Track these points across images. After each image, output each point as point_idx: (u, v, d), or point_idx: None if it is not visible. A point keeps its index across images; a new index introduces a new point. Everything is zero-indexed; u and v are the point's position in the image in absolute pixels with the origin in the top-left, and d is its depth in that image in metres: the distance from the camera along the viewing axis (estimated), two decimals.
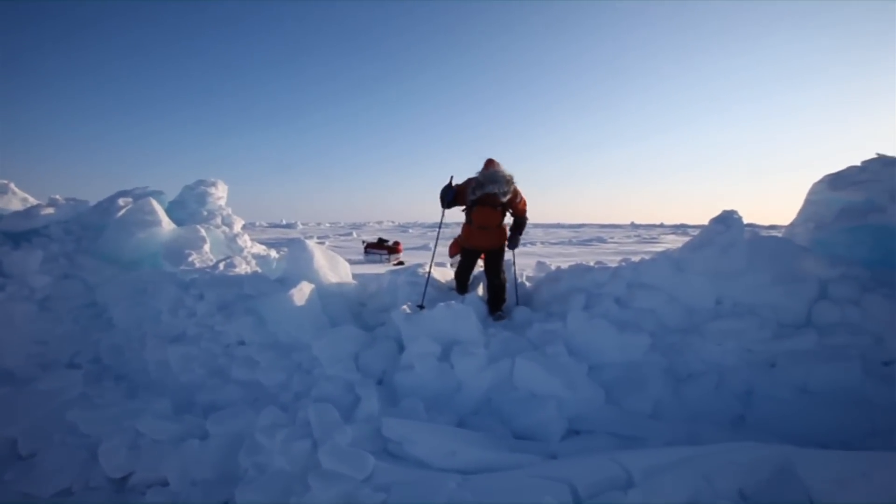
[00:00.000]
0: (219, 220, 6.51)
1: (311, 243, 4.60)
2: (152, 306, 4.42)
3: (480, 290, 4.73)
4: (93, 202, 6.25)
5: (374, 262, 13.19)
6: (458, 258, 5.69)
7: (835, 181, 5.06)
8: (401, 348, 3.71)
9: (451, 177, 4.41)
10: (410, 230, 42.32)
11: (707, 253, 4.04)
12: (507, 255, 4.52)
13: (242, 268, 4.98)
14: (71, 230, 5.67)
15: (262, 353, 3.53)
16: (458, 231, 4.90)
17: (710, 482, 1.61)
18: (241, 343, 3.78)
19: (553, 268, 5.26)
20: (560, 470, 1.95)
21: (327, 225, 51.55)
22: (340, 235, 28.82)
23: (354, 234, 29.89)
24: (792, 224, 5.45)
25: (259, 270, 5.13)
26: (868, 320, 3.42)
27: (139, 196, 6.20)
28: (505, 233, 4.35)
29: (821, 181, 5.25)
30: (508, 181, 4.06)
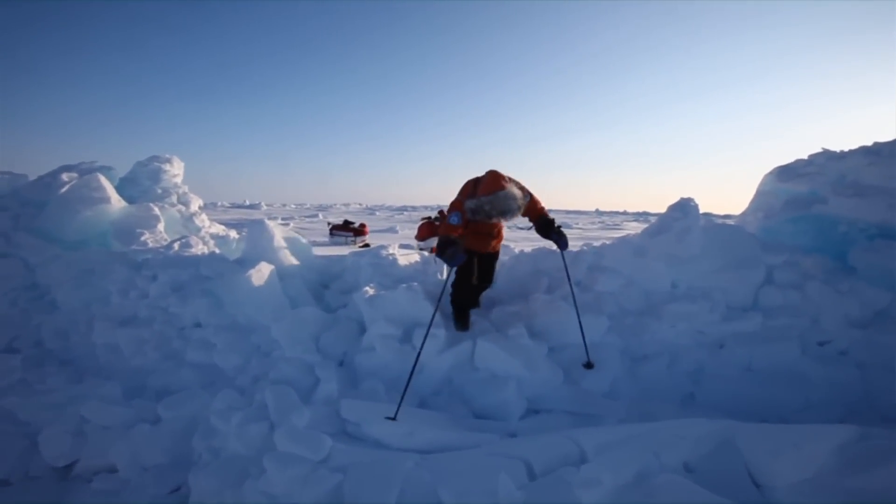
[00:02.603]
0: (174, 199, 6.20)
1: (272, 224, 4.46)
2: (101, 288, 4.19)
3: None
4: (33, 177, 5.82)
5: (340, 244, 13.01)
6: (429, 243, 5.64)
7: (783, 173, 5.32)
8: (362, 330, 3.67)
9: (441, 213, 4.08)
10: (377, 213, 41.92)
11: (665, 238, 4.18)
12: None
13: (199, 248, 4.77)
14: (7, 206, 5.27)
15: (219, 336, 3.42)
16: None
17: (657, 456, 1.68)
18: (197, 325, 3.65)
19: (517, 252, 5.32)
20: (516, 448, 1.99)
21: (293, 206, 50.26)
22: (306, 217, 28.19)
23: (320, 216, 29.31)
24: (744, 213, 5.71)
25: (217, 251, 4.94)
26: (807, 304, 3.64)
27: (86, 171, 5.82)
28: (502, 233, 3.71)
29: (771, 173, 5.50)
30: (521, 206, 3.18)
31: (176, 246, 4.65)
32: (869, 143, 4.81)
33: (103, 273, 4.21)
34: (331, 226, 14.03)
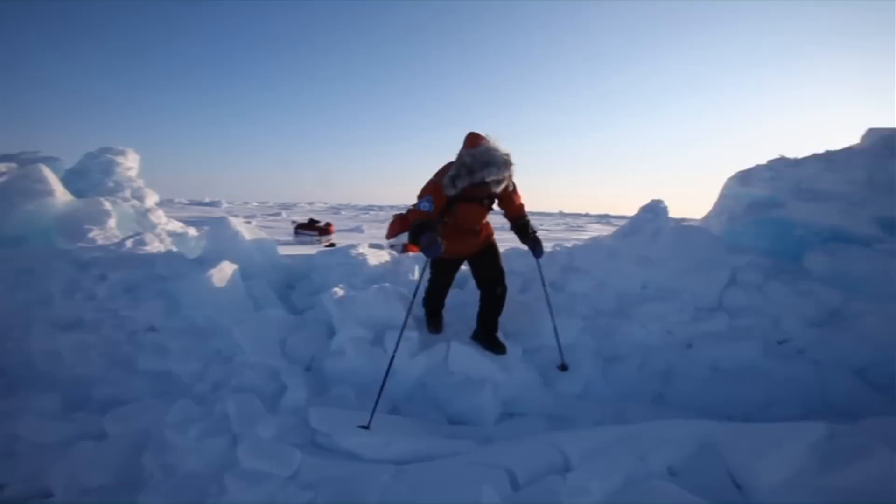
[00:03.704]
0: (128, 193, 5.80)
1: (236, 221, 4.22)
2: (41, 288, 3.83)
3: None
4: None
5: (305, 243, 12.68)
6: (400, 240, 5.42)
7: (744, 178, 5.51)
8: (331, 333, 3.52)
9: (418, 206, 3.81)
10: (343, 212, 41.38)
11: (636, 240, 4.25)
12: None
13: (155, 246, 4.46)
14: None
15: (176, 340, 3.18)
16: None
17: (643, 460, 1.65)
18: (151, 329, 3.39)
19: None
20: (496, 456, 1.92)
21: (255, 204, 48.75)
22: (269, 215, 27.38)
23: (284, 215, 28.54)
24: (707, 216, 5.90)
25: (175, 249, 4.64)
26: (768, 304, 3.76)
27: (27, 161, 5.35)
28: (490, 228, 3.31)
29: (733, 177, 5.70)
30: (507, 162, 2.81)
31: (129, 243, 4.32)
32: (830, 146, 5.06)
33: (45, 272, 3.85)
34: (295, 224, 13.64)
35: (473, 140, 2.85)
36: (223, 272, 3.53)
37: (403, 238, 5.66)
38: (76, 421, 2.54)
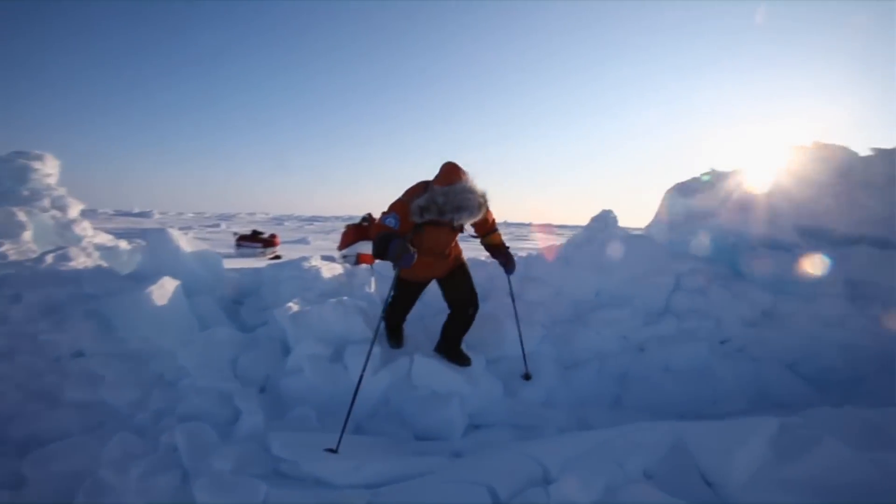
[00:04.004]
0: (47, 203, 5.20)
1: (176, 232, 3.90)
2: None
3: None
4: None
5: (248, 255, 12.05)
6: (354, 250, 5.29)
7: (682, 190, 5.91)
8: (286, 351, 3.34)
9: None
10: (286, 223, 39.98)
11: (589, 249, 4.41)
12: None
13: (81, 261, 4.02)
14: None
15: (109, 366, 2.86)
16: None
17: (621, 466, 1.67)
18: (79, 355, 3.03)
19: None
20: (473, 472, 1.87)
21: (191, 215, 45.83)
22: (207, 227, 25.84)
23: (223, 226, 27.06)
24: (649, 225, 6.25)
25: (104, 265, 4.21)
26: (710, 306, 4.02)
27: None
28: (458, 248, 3.16)
29: (672, 189, 6.09)
30: (480, 206, 2.70)
31: (49, 258, 3.86)
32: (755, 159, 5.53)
33: None
34: (237, 236, 12.92)
35: (450, 175, 2.63)
36: (164, 289, 3.23)
37: (357, 249, 5.53)
38: None
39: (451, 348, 3.09)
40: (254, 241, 12.43)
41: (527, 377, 3.31)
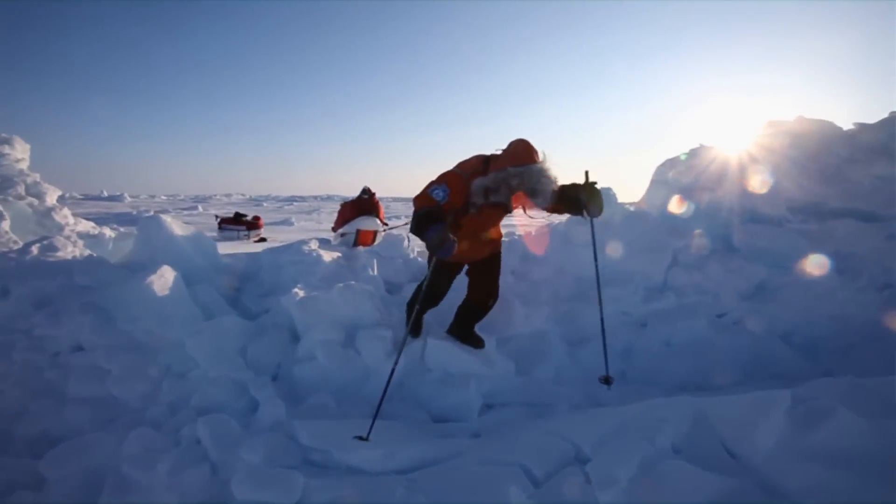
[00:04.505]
0: (21, 190, 4.92)
1: (169, 219, 3.76)
2: None
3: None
4: None
5: (231, 238, 11.77)
6: (352, 227, 5.06)
7: (672, 165, 5.99)
8: (294, 338, 3.30)
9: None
10: (265, 203, 39.05)
11: (589, 226, 4.43)
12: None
13: (68, 251, 3.84)
14: None
15: (114, 360, 2.78)
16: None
17: (651, 442, 1.73)
18: (78, 349, 2.93)
19: None
20: (503, 452, 1.91)
21: (163, 198, 44.23)
22: (183, 209, 25.02)
23: (200, 208, 26.26)
24: (641, 200, 6.33)
25: (93, 254, 4.04)
26: (707, 281, 4.12)
27: None
28: (500, 232, 2.99)
29: (663, 164, 6.15)
30: (555, 192, 2.47)
31: (34, 249, 3.67)
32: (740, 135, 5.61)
33: None
34: (219, 219, 12.57)
35: (526, 154, 2.37)
36: (164, 279, 3.13)
37: (356, 225, 5.35)
38: (1, 468, 2.12)
39: (464, 331, 3.09)
40: (237, 223, 12.12)
41: (607, 381, 2.63)
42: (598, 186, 2.54)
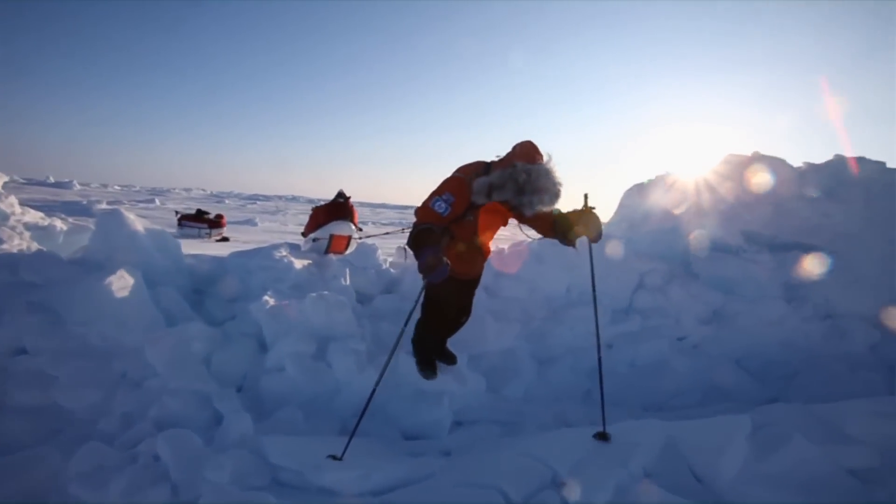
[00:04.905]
0: None
1: (131, 215, 3.56)
2: None
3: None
4: None
5: (191, 236, 11.26)
6: (325, 232, 4.84)
7: (639, 190, 6.25)
8: (262, 347, 3.19)
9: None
10: (227, 200, 37.67)
11: (561, 246, 4.54)
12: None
13: (14, 244, 3.54)
14: None
15: (62, 365, 2.57)
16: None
17: (624, 466, 1.77)
18: (21, 352, 2.70)
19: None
20: (481, 475, 1.91)
21: (117, 188, 41.76)
22: (139, 202, 23.70)
23: (157, 202, 24.99)
24: (609, 223, 6.55)
25: (42, 248, 3.75)
26: (669, 305, 4.31)
27: None
28: (490, 251, 2.93)
29: (630, 189, 6.40)
30: (558, 195, 2.39)
31: None
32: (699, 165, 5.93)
33: None
34: (179, 216, 12.00)
35: (533, 153, 2.35)
36: (124, 279, 2.94)
37: (330, 230, 5.17)
38: None
39: (437, 348, 3.07)
40: (199, 221, 11.60)
41: (602, 436, 2.13)
42: (595, 211, 2.55)
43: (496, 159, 2.46)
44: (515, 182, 2.27)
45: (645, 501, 1.62)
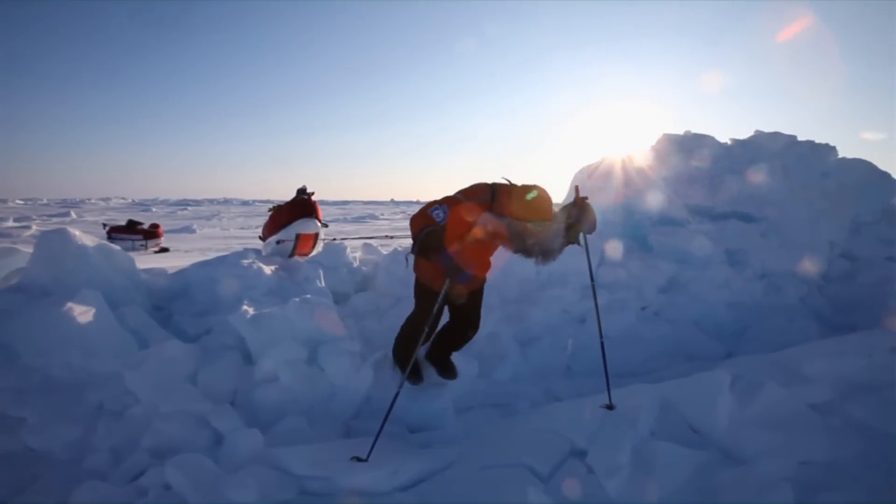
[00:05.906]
0: None
1: (78, 232, 3.25)
2: None
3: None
4: None
5: (126, 249, 10.35)
6: (290, 233, 4.56)
7: (589, 171, 6.58)
8: (248, 359, 3.06)
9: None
10: (153, 208, 34.99)
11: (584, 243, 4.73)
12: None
13: None
14: None
15: (26, 404, 2.33)
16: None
17: (635, 428, 1.92)
18: None
19: (394, 249, 5.19)
20: (503, 455, 1.99)
21: (20, 202, 37.25)
22: (51, 216, 21.34)
23: (73, 215, 22.64)
24: (563, 203, 6.85)
25: None
26: (630, 278, 4.62)
27: None
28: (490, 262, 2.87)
29: (581, 171, 6.73)
30: (557, 252, 2.49)
31: None
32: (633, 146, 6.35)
33: None
34: (108, 228, 10.96)
35: (546, 210, 2.27)
36: (86, 302, 2.69)
37: (295, 230, 4.94)
38: None
39: (441, 360, 3.02)
40: (132, 233, 10.66)
41: (609, 408, 2.24)
42: (588, 202, 2.54)
43: (503, 181, 2.44)
44: (523, 243, 2.30)
45: (658, 455, 1.77)
